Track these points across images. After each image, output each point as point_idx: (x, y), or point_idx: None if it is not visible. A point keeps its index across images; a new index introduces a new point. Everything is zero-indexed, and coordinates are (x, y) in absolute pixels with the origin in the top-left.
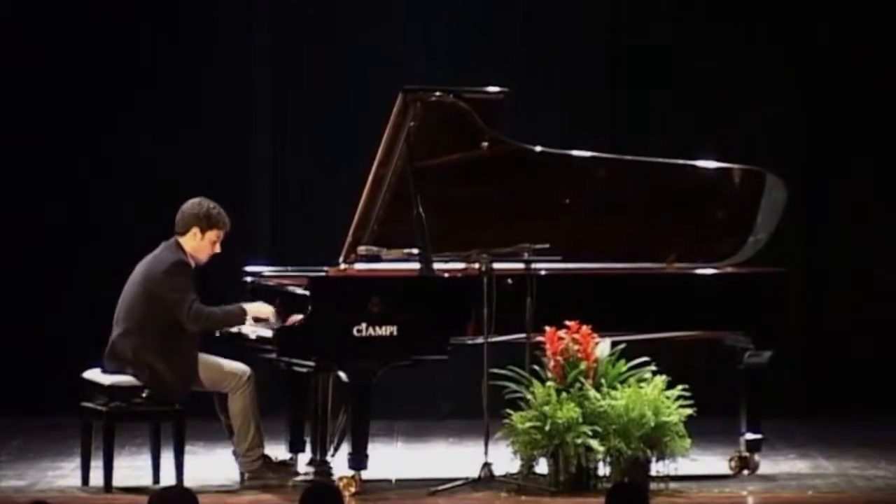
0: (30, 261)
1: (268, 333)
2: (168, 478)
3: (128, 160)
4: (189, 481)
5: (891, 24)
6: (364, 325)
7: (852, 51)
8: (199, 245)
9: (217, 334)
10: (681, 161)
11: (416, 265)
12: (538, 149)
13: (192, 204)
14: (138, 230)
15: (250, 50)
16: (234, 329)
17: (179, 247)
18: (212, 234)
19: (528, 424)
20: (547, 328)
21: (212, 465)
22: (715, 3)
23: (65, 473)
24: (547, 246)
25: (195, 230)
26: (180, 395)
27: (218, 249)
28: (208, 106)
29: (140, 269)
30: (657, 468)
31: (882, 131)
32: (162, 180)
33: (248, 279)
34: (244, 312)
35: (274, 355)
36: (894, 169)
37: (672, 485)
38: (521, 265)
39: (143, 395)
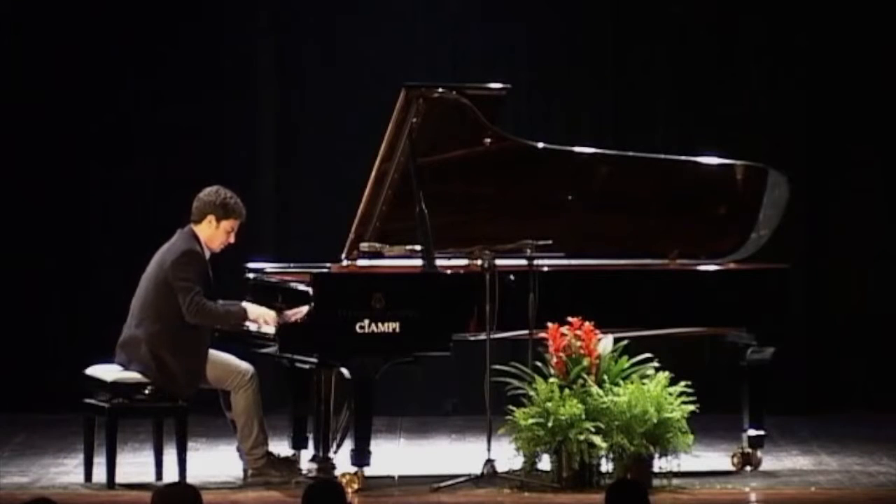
0: (33, 257)
1: (271, 330)
2: (171, 474)
3: (133, 158)
4: (192, 478)
5: (892, 20)
6: (366, 322)
7: (853, 47)
8: (213, 234)
9: (216, 334)
10: (683, 157)
11: (418, 262)
12: (540, 145)
13: (208, 192)
14: (143, 226)
15: (254, 48)
16: (252, 327)
17: (194, 235)
18: (227, 224)
19: (530, 421)
20: (549, 324)
21: (215, 461)
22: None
23: (67, 470)
24: (549, 242)
25: (210, 218)
26: (187, 392)
27: (232, 240)
28: (212, 103)
29: (156, 258)
30: (660, 464)
31: (885, 127)
32: (167, 178)
33: (251, 275)
34: (245, 314)
35: (276, 351)
36: (895, 163)
37: (675, 481)
38: (523, 261)
39: (146, 391)
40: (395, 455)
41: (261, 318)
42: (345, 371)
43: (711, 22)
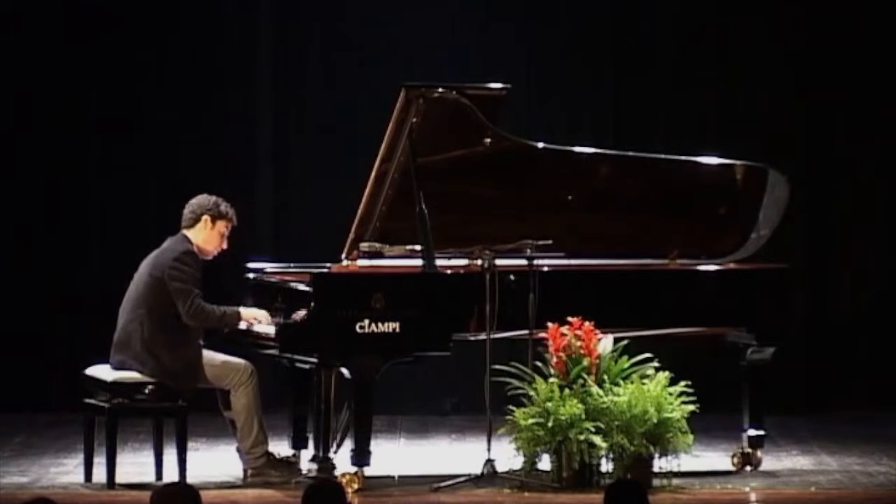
0: (33, 257)
1: (271, 330)
2: (171, 474)
3: (130, 158)
4: (192, 478)
5: (891, 19)
6: (366, 322)
7: (854, 47)
8: (208, 236)
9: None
10: (683, 157)
11: (418, 262)
12: (540, 145)
13: (200, 197)
14: (141, 227)
15: (254, 47)
16: (243, 326)
17: (187, 240)
18: (221, 225)
19: (530, 421)
20: (549, 324)
21: (214, 461)
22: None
23: (67, 470)
24: (549, 242)
25: (206, 219)
26: (190, 385)
27: (225, 245)
28: (211, 103)
29: (146, 262)
30: (660, 464)
31: (884, 127)
32: (165, 178)
33: (251, 276)
34: (239, 316)
35: (276, 352)
36: (895, 164)
37: (675, 481)
38: (523, 261)
39: (146, 391)
40: (395, 455)
41: (252, 318)
42: (345, 371)
43: (711, 22)
